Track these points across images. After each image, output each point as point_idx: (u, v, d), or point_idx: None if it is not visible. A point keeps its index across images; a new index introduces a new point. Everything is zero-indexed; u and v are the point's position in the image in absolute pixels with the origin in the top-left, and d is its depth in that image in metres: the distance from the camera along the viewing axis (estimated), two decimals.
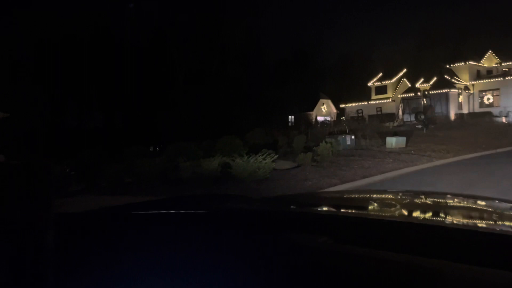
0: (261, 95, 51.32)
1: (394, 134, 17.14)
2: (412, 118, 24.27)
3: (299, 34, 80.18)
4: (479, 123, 25.22)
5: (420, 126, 19.23)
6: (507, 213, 1.36)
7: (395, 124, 22.90)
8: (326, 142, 11.55)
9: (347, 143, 12.82)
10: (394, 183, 7.75)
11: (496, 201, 1.60)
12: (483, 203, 1.53)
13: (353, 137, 13.27)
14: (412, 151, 12.25)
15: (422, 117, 24.16)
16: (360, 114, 48.53)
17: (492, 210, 1.44)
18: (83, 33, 40.03)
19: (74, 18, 49.84)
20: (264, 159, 8.87)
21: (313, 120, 48.31)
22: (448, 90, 38.89)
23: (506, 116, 36.83)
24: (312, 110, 49.64)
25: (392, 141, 12.61)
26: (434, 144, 14.12)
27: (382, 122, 31.17)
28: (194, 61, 45.46)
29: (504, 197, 1.45)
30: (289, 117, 52.06)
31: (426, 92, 40.77)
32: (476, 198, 1.59)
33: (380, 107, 46.77)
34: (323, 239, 0.89)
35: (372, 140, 14.36)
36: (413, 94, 41.77)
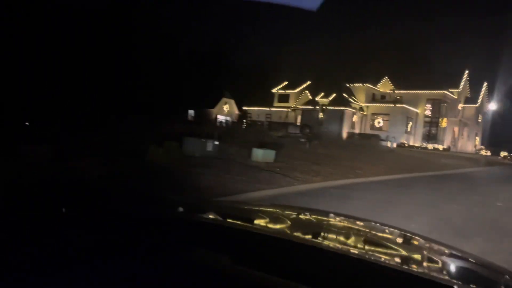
0: (161, 84, 47.52)
1: (274, 145, 15.19)
2: (298, 130, 23.15)
3: (217, 30, 77.36)
4: (365, 145, 24.98)
5: (304, 140, 17.91)
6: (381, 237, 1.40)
7: (280, 134, 21.49)
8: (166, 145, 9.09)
9: (208, 149, 10.49)
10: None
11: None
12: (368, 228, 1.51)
13: (216, 142, 10.97)
14: (278, 169, 10.25)
15: (307, 130, 23.15)
16: (260, 119, 47.58)
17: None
18: None
19: None
20: None
21: (213, 118, 45.89)
22: (344, 108, 39.36)
23: (390, 141, 38.39)
24: (214, 107, 47.18)
25: (259, 154, 10.57)
26: (309, 162, 12.38)
27: (272, 130, 29.96)
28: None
29: None
30: (190, 111, 48.96)
31: (324, 107, 40.94)
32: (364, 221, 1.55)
33: (281, 115, 46.15)
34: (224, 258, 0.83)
35: (243, 149, 12.13)
36: (312, 107, 41.70)
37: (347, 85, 42.90)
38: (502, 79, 43.17)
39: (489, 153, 43.45)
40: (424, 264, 1.10)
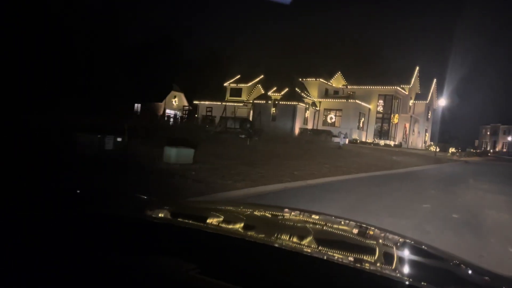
0: (105, 75, 43.99)
1: (207, 141, 13.19)
2: (238, 125, 21.16)
3: (170, 21, 73.65)
4: (314, 141, 23.54)
5: (243, 136, 15.99)
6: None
7: (218, 130, 19.40)
8: None
9: (107, 147, 8.26)
10: None
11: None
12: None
13: (119, 139, 8.76)
14: (194, 172, 8.20)
15: (248, 125, 21.23)
16: (213, 114, 45.25)
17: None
18: None
19: None
20: None
21: (160, 113, 43.03)
22: (297, 103, 37.90)
23: (340, 137, 37.41)
24: (162, 101, 44.28)
25: (172, 154, 8.45)
26: (239, 163, 10.42)
27: (213, 125, 27.91)
28: None
29: None
30: (136, 105, 45.74)
31: (276, 102, 39.32)
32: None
33: (233, 110, 44.08)
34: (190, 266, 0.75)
35: (158, 148, 9.93)
36: (264, 102, 39.97)
37: (300, 79, 41.51)
38: (451, 75, 43.56)
39: (438, 149, 43.72)
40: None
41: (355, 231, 1.38)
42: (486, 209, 7.54)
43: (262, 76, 43.14)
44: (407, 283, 0.76)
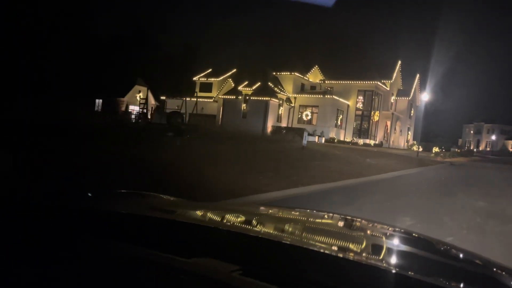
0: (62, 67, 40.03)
1: (115, 139, 9.76)
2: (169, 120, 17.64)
3: (135, 11, 68.78)
4: (281, 140, 20.31)
5: (171, 134, 12.67)
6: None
7: (140, 124, 15.90)
8: None
9: None
10: None
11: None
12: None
13: None
14: None
15: (179, 120, 17.70)
16: (181, 110, 41.62)
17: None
18: None
19: None
20: None
21: (123, 109, 39.24)
22: (269, 98, 34.54)
23: (319, 136, 34.28)
24: (124, 96, 40.44)
25: None
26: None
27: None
28: None
29: None
30: (97, 100, 41.84)
31: (247, 97, 35.95)
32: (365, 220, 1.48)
33: (203, 107, 40.58)
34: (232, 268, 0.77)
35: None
36: (234, 97, 36.56)
37: (275, 74, 38.19)
38: (434, 71, 40.77)
39: (421, 149, 40.92)
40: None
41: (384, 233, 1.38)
42: (496, 249, 4.24)
43: (235, 70, 39.68)
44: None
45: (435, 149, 38.43)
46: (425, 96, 30.28)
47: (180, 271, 0.76)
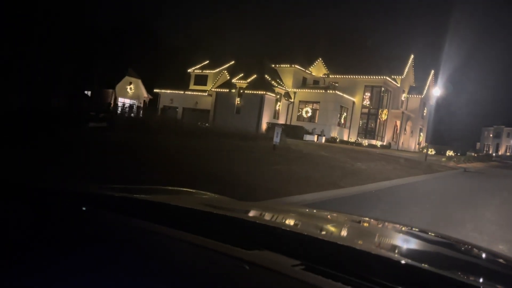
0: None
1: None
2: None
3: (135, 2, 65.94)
4: (257, 138, 17.22)
5: (93, 125, 9.87)
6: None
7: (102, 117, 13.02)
8: None
9: None
10: None
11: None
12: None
13: None
14: None
15: (111, 109, 14.65)
16: (174, 104, 38.87)
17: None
18: None
19: None
20: None
21: (111, 101, 36.57)
22: (264, 92, 31.36)
23: (319, 135, 30.97)
24: (113, 88, 37.77)
25: None
26: None
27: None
28: None
29: None
30: (86, 92, 39.33)
31: (241, 91, 32.87)
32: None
33: (197, 101, 37.71)
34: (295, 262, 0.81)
35: None
36: (227, 90, 33.52)
37: (273, 66, 35.01)
38: (451, 68, 36.84)
39: (433, 152, 37.19)
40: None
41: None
42: None
43: (232, 62, 36.55)
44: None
45: (449, 153, 34.67)
46: (437, 92, 26.60)
47: (242, 260, 0.78)
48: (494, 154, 66.60)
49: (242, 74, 33.16)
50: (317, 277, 0.74)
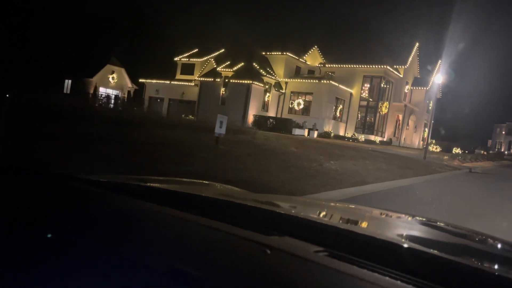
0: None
1: None
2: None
3: None
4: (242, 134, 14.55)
5: None
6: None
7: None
8: None
9: None
10: None
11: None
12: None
13: None
14: None
15: None
16: (160, 95, 36.27)
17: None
18: None
19: None
20: None
21: (91, 92, 34.08)
22: (251, 82, 28.57)
23: (311, 129, 28.10)
24: (92, 77, 35.27)
25: None
26: None
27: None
28: None
29: None
30: (67, 81, 36.98)
31: (227, 80, 30.14)
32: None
33: (184, 91, 35.03)
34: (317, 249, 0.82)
35: None
36: (212, 79, 30.83)
37: (264, 53, 32.19)
38: (462, 58, 33.54)
39: (438, 149, 34.11)
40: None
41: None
42: None
43: (223, 50, 33.75)
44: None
45: (455, 150, 31.56)
46: (445, 84, 23.55)
47: (263, 245, 0.79)
48: (506, 152, 62.95)
49: (229, 62, 30.43)
50: (343, 263, 0.73)
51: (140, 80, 37.69)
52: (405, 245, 0.84)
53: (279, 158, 10.08)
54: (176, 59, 35.95)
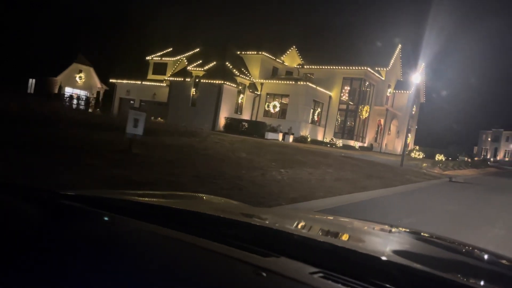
0: None
1: None
2: None
3: None
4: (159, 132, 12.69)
5: None
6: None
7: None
8: None
9: None
10: None
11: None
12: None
13: None
14: None
15: None
16: (131, 96, 34.22)
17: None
18: None
19: None
20: None
21: (55, 91, 31.89)
22: (223, 82, 26.75)
23: (286, 133, 26.30)
24: (57, 76, 33.08)
25: None
26: None
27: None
28: None
29: None
30: (30, 80, 34.74)
31: (198, 80, 28.26)
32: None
33: (155, 92, 33.03)
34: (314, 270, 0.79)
35: None
36: (182, 79, 28.92)
37: (239, 53, 30.41)
38: (447, 62, 32.07)
39: (421, 156, 32.60)
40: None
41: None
42: None
43: (197, 49, 31.86)
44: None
45: (438, 157, 30.06)
46: (429, 88, 21.97)
47: (259, 267, 0.76)
48: (491, 159, 61.99)
49: (201, 61, 28.57)
50: (337, 285, 0.72)
51: (111, 80, 35.59)
52: (412, 267, 0.79)
53: (211, 166, 8.20)
54: (148, 58, 33.98)
